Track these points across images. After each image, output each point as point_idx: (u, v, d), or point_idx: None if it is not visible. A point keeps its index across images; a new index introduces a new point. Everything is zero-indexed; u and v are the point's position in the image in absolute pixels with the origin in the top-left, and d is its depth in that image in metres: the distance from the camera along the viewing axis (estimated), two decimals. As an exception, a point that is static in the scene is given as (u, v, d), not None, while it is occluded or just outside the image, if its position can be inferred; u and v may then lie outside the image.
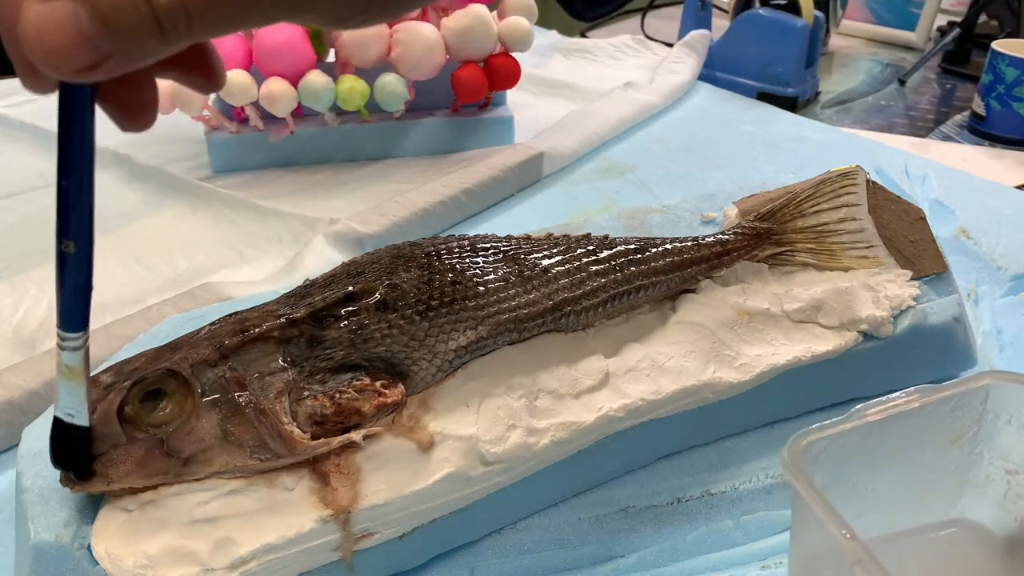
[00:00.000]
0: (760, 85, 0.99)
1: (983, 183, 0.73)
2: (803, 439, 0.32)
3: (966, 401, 0.34)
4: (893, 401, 0.33)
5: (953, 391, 0.34)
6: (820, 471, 0.32)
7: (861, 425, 0.33)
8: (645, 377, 0.40)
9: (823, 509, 0.29)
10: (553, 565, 0.38)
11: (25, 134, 0.83)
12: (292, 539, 0.33)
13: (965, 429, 0.35)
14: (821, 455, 0.32)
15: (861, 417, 0.33)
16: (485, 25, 0.74)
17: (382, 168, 0.77)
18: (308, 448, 0.34)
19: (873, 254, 0.45)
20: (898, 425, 0.33)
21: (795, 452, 0.31)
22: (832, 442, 0.32)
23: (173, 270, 0.62)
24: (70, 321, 0.29)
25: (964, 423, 0.35)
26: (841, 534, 0.28)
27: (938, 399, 0.34)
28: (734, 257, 0.45)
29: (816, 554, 0.32)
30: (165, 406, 0.33)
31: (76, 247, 0.28)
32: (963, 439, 0.35)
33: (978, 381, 0.34)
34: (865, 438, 0.33)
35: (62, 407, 0.31)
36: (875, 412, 0.33)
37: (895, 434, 0.34)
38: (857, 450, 0.33)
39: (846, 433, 0.32)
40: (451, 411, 0.37)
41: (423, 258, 0.40)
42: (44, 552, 0.33)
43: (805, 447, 0.32)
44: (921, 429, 0.34)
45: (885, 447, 0.34)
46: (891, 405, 0.33)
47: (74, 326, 0.29)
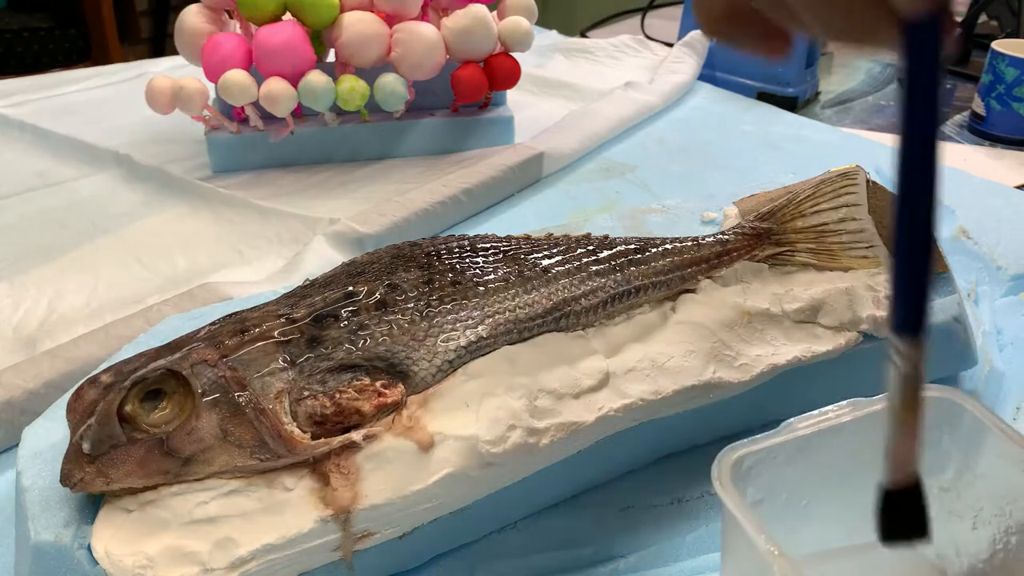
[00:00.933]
0: (760, 85, 0.99)
1: (983, 183, 0.73)
2: (733, 453, 0.31)
3: None
4: (825, 414, 0.33)
5: (883, 405, 0.33)
6: (752, 486, 0.31)
7: (792, 439, 0.32)
8: (645, 377, 0.40)
9: (752, 525, 0.28)
10: (553, 565, 0.38)
11: (25, 134, 0.83)
12: (292, 539, 0.33)
13: None
14: (752, 470, 0.31)
15: (792, 431, 0.32)
16: (485, 25, 0.74)
17: (382, 168, 0.77)
18: (308, 448, 0.34)
19: (873, 254, 0.45)
20: (830, 439, 0.32)
21: (725, 466, 0.30)
22: (764, 456, 0.31)
23: (173, 270, 0.62)
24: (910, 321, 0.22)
25: None
26: (769, 551, 0.27)
27: (870, 412, 0.33)
28: (734, 257, 0.45)
29: (747, 571, 0.31)
30: (165, 406, 0.33)
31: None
32: None
33: None
34: (797, 452, 0.32)
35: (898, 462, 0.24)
36: (806, 426, 0.32)
37: (827, 448, 0.33)
38: (789, 464, 0.32)
39: (777, 447, 0.32)
40: (451, 411, 0.37)
41: (423, 258, 0.40)
42: (44, 552, 0.33)
43: (735, 461, 0.31)
44: (853, 443, 0.33)
45: (817, 461, 0.33)
46: (822, 418, 0.32)
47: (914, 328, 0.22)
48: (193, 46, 0.71)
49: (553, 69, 1.05)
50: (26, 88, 0.94)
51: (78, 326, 0.54)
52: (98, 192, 0.73)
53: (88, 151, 0.79)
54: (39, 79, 0.98)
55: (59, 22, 1.85)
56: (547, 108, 0.92)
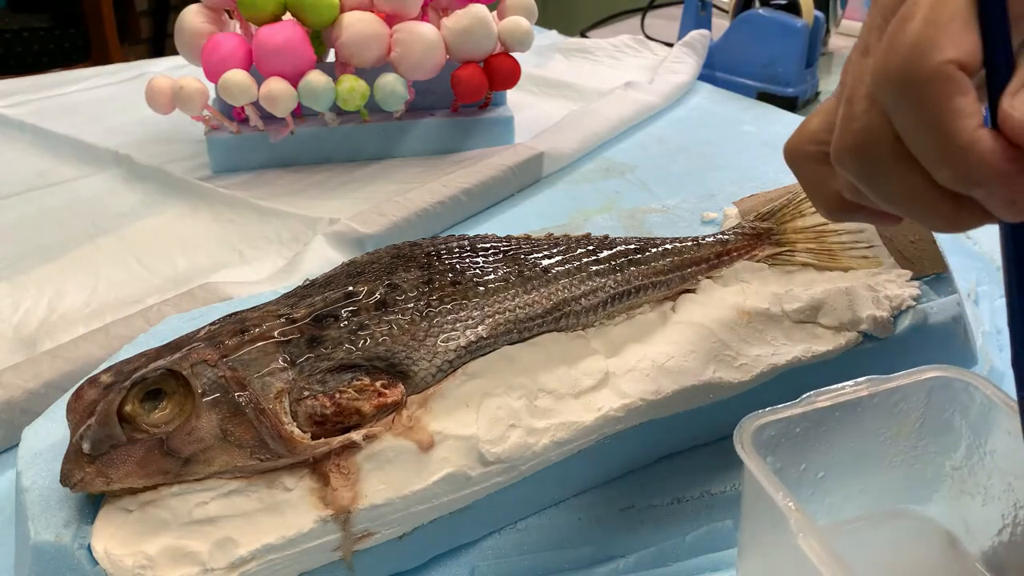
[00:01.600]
0: (760, 85, 0.99)
1: (983, 183, 0.73)
2: (755, 420, 0.33)
3: (911, 393, 0.35)
4: (843, 389, 0.34)
5: (900, 382, 0.35)
6: (771, 455, 0.33)
7: (810, 411, 0.34)
8: (645, 377, 0.40)
9: (771, 483, 0.30)
10: (553, 565, 0.38)
11: (25, 134, 0.83)
12: (292, 539, 0.33)
13: (911, 421, 0.36)
14: (772, 439, 0.33)
15: (811, 403, 0.34)
16: (485, 25, 0.74)
17: (382, 168, 0.77)
18: (308, 448, 0.34)
19: (873, 254, 0.45)
20: (846, 413, 0.34)
21: (747, 432, 0.32)
22: (783, 426, 0.33)
23: (173, 270, 0.62)
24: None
25: (911, 415, 0.36)
26: (787, 505, 0.29)
27: (886, 389, 0.35)
28: (734, 257, 0.45)
29: (764, 531, 0.32)
30: (165, 406, 0.33)
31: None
32: (909, 431, 0.36)
33: (923, 374, 0.35)
34: (815, 425, 0.34)
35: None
36: (825, 399, 0.34)
37: (843, 422, 0.34)
38: (807, 436, 0.34)
39: (796, 418, 0.33)
40: (451, 411, 0.37)
41: (423, 258, 0.40)
42: (44, 552, 0.33)
43: (757, 429, 0.32)
44: (869, 418, 0.35)
45: (834, 434, 0.35)
46: (840, 392, 0.34)
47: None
48: (193, 46, 0.71)
49: (553, 69, 1.05)
50: (26, 88, 0.94)
51: (78, 326, 0.54)
52: (98, 192, 0.73)
53: (88, 151, 0.79)
54: (39, 79, 0.98)
55: (59, 22, 1.85)
56: (547, 108, 0.92)
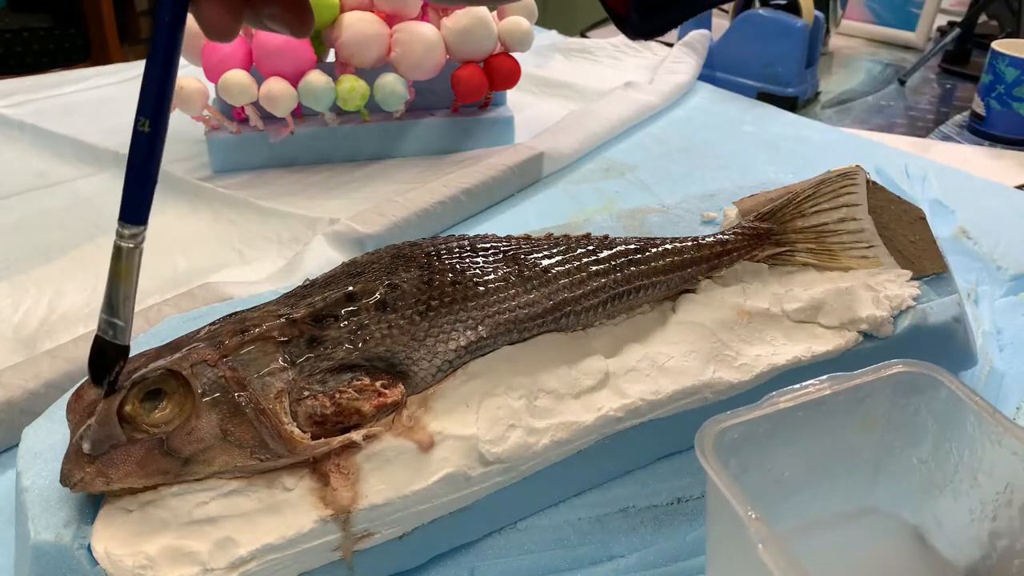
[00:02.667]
0: (760, 85, 0.99)
1: (983, 183, 0.73)
2: (716, 425, 0.32)
3: (877, 389, 0.35)
4: (805, 388, 0.34)
5: (864, 379, 0.34)
6: (734, 458, 0.32)
7: (773, 412, 0.33)
8: (645, 377, 0.40)
9: (731, 491, 0.29)
10: (553, 565, 0.38)
11: (25, 134, 0.83)
12: (292, 539, 0.33)
13: (877, 417, 0.35)
14: (735, 442, 0.32)
15: (773, 404, 0.33)
16: (485, 25, 0.74)
17: (382, 168, 0.77)
18: (308, 448, 0.34)
19: (873, 254, 0.45)
20: (810, 412, 0.34)
21: (708, 437, 0.31)
22: (746, 428, 0.32)
23: (173, 270, 0.62)
24: (133, 211, 0.28)
25: (876, 411, 0.35)
26: (747, 514, 0.28)
27: (850, 386, 0.34)
28: (734, 257, 0.45)
29: (728, 539, 0.32)
30: (165, 406, 0.33)
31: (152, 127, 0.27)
32: (875, 427, 0.36)
33: (889, 369, 0.34)
34: (778, 425, 0.33)
35: (104, 316, 0.29)
36: (787, 399, 0.33)
37: (808, 421, 0.34)
38: (771, 437, 0.33)
39: (759, 420, 0.33)
40: (451, 411, 0.37)
41: (423, 258, 0.40)
42: (44, 552, 0.33)
43: (719, 433, 0.32)
44: (833, 416, 0.34)
45: (798, 434, 0.34)
46: (803, 392, 0.34)
47: (137, 217, 0.28)
48: (193, 46, 0.71)
49: (553, 69, 1.05)
50: (26, 88, 0.94)
51: (78, 326, 0.54)
52: (98, 192, 0.73)
53: (88, 151, 0.79)
54: (39, 79, 0.98)
55: (59, 22, 1.85)
56: (547, 108, 0.92)
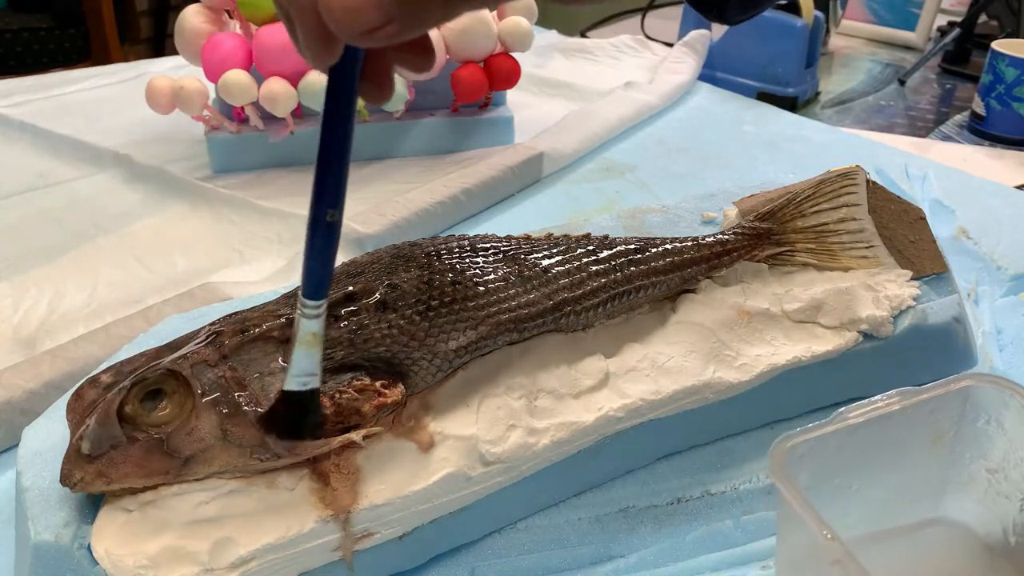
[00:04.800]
0: (760, 85, 0.99)
1: (983, 183, 0.73)
2: (788, 442, 0.32)
3: (946, 403, 0.35)
4: (875, 404, 0.34)
5: (933, 393, 0.34)
6: (804, 472, 0.33)
7: (844, 428, 0.33)
8: (645, 377, 0.40)
9: (805, 510, 0.30)
10: (553, 565, 0.38)
11: (25, 134, 0.83)
12: (292, 539, 0.33)
13: (946, 430, 0.36)
14: (805, 457, 0.33)
15: (843, 420, 0.33)
16: (485, 25, 0.74)
17: (382, 168, 0.77)
18: (308, 448, 0.34)
19: (873, 254, 0.45)
20: (880, 427, 0.34)
21: (780, 454, 0.32)
22: (816, 444, 0.33)
23: (173, 270, 0.62)
24: (317, 289, 0.30)
25: (944, 424, 0.36)
26: (822, 534, 0.29)
27: (918, 401, 0.34)
28: (734, 257, 0.45)
29: (800, 555, 0.32)
30: (165, 406, 0.33)
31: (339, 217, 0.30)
32: (944, 439, 0.36)
33: (958, 383, 0.35)
34: (848, 440, 0.34)
35: (295, 374, 0.32)
36: (857, 415, 0.34)
37: (877, 436, 0.34)
38: (840, 452, 0.34)
39: (829, 435, 0.33)
40: (451, 411, 0.37)
41: (423, 258, 0.40)
42: (44, 552, 0.33)
43: (790, 449, 0.32)
44: (902, 430, 0.35)
45: (867, 448, 0.34)
46: (873, 408, 0.34)
47: (320, 294, 0.31)
48: (193, 46, 0.71)
49: (553, 69, 1.05)
50: (26, 88, 0.94)
51: (78, 326, 0.54)
52: (98, 192, 0.73)
53: (88, 151, 0.79)
54: (39, 79, 0.98)
55: (59, 22, 1.85)
56: (547, 108, 0.92)
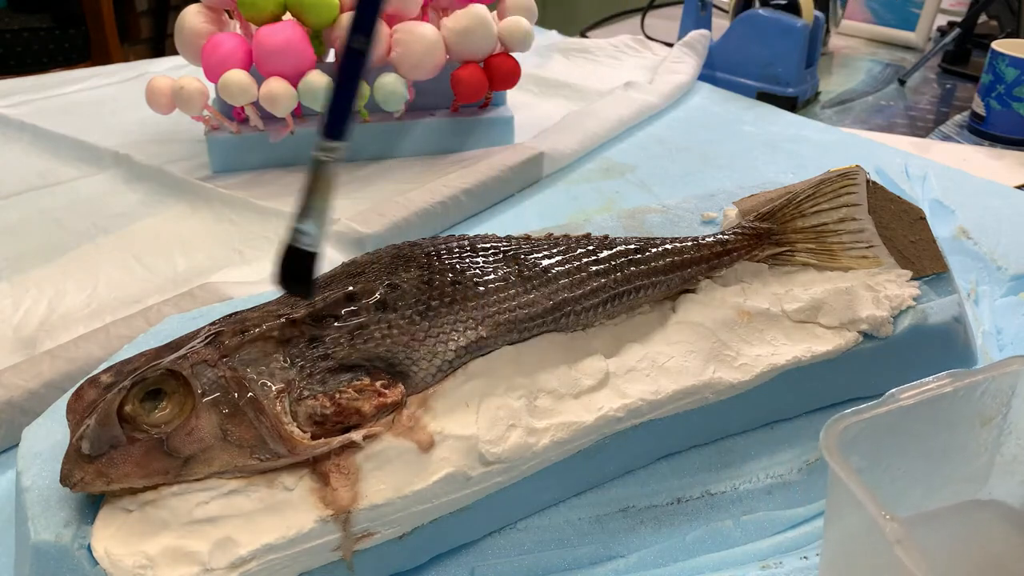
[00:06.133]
0: (760, 85, 0.99)
1: (983, 183, 0.73)
2: (840, 423, 0.32)
3: (996, 385, 0.35)
4: (926, 385, 0.34)
5: (984, 375, 0.35)
6: (855, 454, 0.33)
7: (895, 409, 0.33)
8: (645, 377, 0.40)
9: (862, 491, 0.30)
10: (553, 565, 0.38)
11: (25, 134, 0.83)
12: (292, 539, 0.33)
13: (994, 412, 0.36)
14: (857, 438, 0.33)
15: (895, 401, 0.33)
16: (485, 25, 0.74)
17: (382, 168, 0.77)
18: (308, 448, 0.34)
19: (873, 254, 0.45)
20: (930, 408, 0.34)
21: (832, 435, 0.32)
22: (867, 425, 0.33)
23: (173, 270, 0.62)
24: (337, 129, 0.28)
25: (993, 406, 0.36)
26: (881, 515, 0.29)
27: (969, 383, 0.34)
28: (734, 257, 0.45)
29: (853, 536, 0.32)
30: (165, 406, 0.33)
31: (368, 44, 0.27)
32: (992, 422, 0.36)
33: (1008, 366, 0.35)
34: (898, 421, 0.34)
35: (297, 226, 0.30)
36: (908, 396, 0.34)
37: (927, 417, 0.34)
38: (890, 433, 0.34)
39: (880, 416, 0.33)
40: (451, 411, 0.37)
41: (423, 258, 0.40)
42: (44, 552, 0.33)
43: (842, 431, 0.32)
44: (952, 412, 0.35)
45: (917, 430, 0.35)
46: (924, 389, 0.34)
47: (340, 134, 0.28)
48: (193, 46, 0.71)
49: (553, 69, 1.05)
50: (26, 88, 0.94)
51: (78, 326, 0.54)
52: (98, 192, 0.73)
53: (88, 151, 0.79)
54: (39, 79, 0.98)
55: (59, 22, 1.85)
56: (547, 108, 0.92)
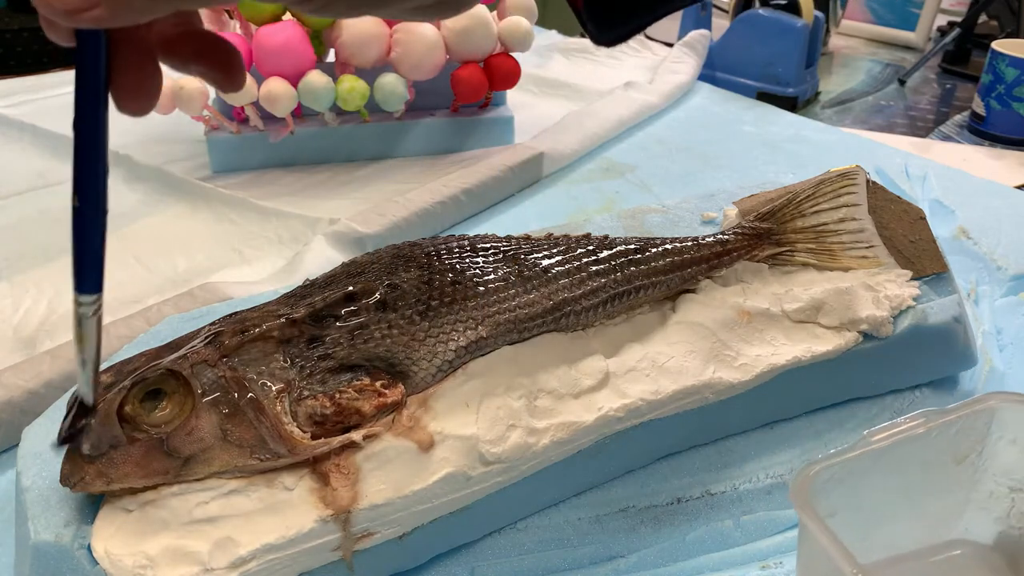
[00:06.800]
0: (760, 85, 0.99)
1: (983, 183, 0.73)
2: (811, 468, 0.32)
3: (970, 423, 0.34)
4: (899, 426, 0.33)
5: (958, 414, 0.34)
6: (826, 498, 0.32)
7: (868, 452, 0.33)
8: (645, 377, 0.40)
9: (831, 544, 0.29)
10: (553, 565, 0.38)
11: (25, 134, 0.83)
12: (292, 539, 0.33)
13: (969, 450, 0.35)
14: (828, 482, 0.32)
15: (867, 444, 0.33)
16: (485, 25, 0.74)
17: (382, 168, 0.77)
18: (308, 448, 0.34)
19: (873, 254, 0.45)
20: (904, 449, 0.34)
21: (803, 483, 0.31)
22: (839, 469, 0.32)
23: (173, 270, 0.62)
24: (88, 283, 0.28)
25: (968, 444, 0.35)
26: (851, 572, 0.28)
27: (943, 423, 0.34)
28: (734, 257, 0.45)
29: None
30: (165, 406, 0.33)
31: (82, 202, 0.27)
32: (967, 459, 0.36)
33: (983, 403, 0.34)
34: (872, 463, 0.33)
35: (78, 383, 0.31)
36: (881, 438, 0.33)
37: (901, 458, 0.34)
38: (863, 475, 0.33)
39: (852, 460, 0.33)
40: (451, 411, 0.37)
41: (423, 258, 0.40)
42: (44, 552, 0.33)
43: (813, 476, 0.32)
44: (926, 452, 0.34)
45: (891, 471, 0.34)
46: (897, 431, 0.33)
47: (93, 288, 0.29)
48: (193, 46, 0.71)
49: (553, 69, 1.05)
50: (26, 88, 0.94)
51: (78, 326, 0.54)
52: (98, 192, 0.73)
53: (88, 151, 0.79)
54: (39, 79, 0.98)
55: (59, 22, 1.85)
56: (547, 108, 0.92)
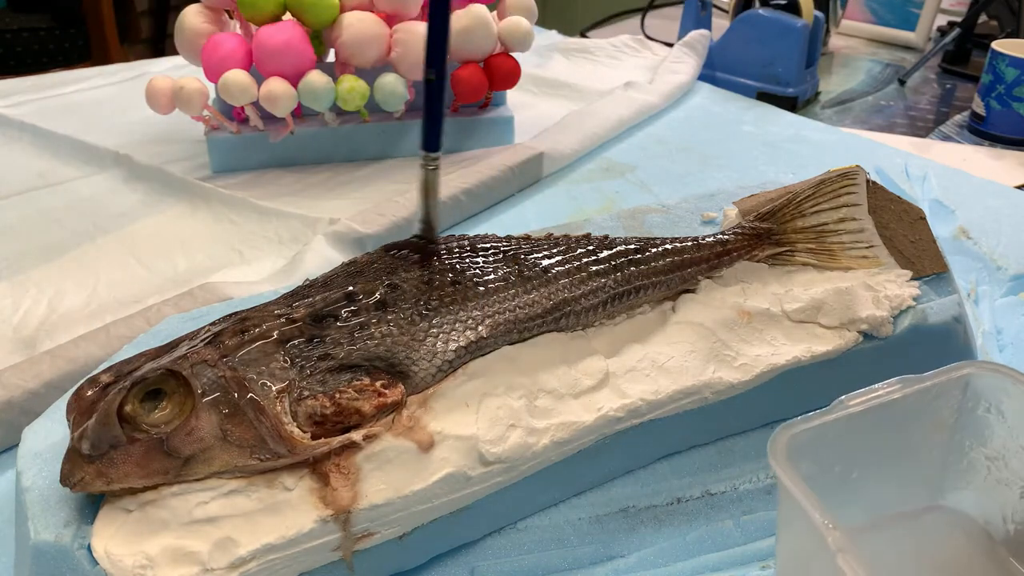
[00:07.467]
0: (760, 85, 0.99)
1: (983, 183, 0.73)
2: (788, 431, 0.32)
3: (947, 390, 0.35)
4: (875, 391, 0.34)
5: (934, 381, 0.34)
6: (805, 461, 0.33)
7: (844, 416, 0.33)
8: (645, 377, 0.40)
9: (808, 499, 0.30)
10: (553, 565, 0.38)
11: (25, 134, 0.83)
12: (292, 539, 0.33)
13: (946, 417, 0.36)
14: (806, 446, 0.33)
15: (844, 408, 0.33)
16: (485, 25, 0.74)
17: (382, 168, 0.77)
18: (308, 448, 0.34)
19: (873, 254, 0.45)
20: (881, 415, 0.34)
21: (780, 444, 0.32)
22: (817, 433, 0.33)
23: (173, 270, 0.62)
24: (433, 142, 0.38)
25: (945, 412, 0.36)
26: (824, 524, 0.29)
27: (919, 389, 0.34)
28: (734, 257, 0.45)
29: (802, 545, 0.32)
30: (165, 406, 0.33)
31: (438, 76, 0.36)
32: (944, 427, 0.36)
33: (959, 370, 0.35)
34: (848, 428, 0.34)
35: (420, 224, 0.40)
36: (858, 403, 0.33)
37: (878, 423, 0.34)
38: (841, 440, 0.34)
39: (830, 424, 0.33)
40: (451, 411, 0.37)
41: (423, 258, 0.40)
42: (44, 552, 0.33)
43: (790, 439, 0.32)
44: (903, 418, 0.35)
45: (868, 436, 0.34)
46: (873, 396, 0.34)
47: (435, 146, 0.39)
48: (193, 46, 0.71)
49: (553, 69, 1.05)
50: (26, 88, 0.94)
51: (78, 326, 0.54)
52: (98, 192, 0.73)
53: (88, 151, 0.79)
54: (39, 79, 0.98)
55: (59, 22, 1.85)
56: (547, 108, 0.92)
